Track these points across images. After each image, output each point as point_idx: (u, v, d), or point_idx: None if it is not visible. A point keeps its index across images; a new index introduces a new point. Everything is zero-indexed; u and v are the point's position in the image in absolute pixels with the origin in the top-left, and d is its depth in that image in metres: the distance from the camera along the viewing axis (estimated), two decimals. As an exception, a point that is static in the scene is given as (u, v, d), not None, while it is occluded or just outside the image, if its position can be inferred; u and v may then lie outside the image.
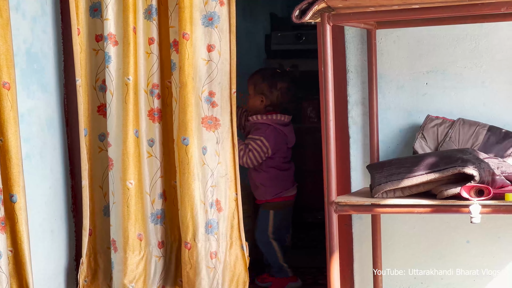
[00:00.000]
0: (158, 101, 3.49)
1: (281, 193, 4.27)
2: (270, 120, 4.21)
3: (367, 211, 3.06)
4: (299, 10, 2.89)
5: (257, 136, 4.17)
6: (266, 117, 4.23)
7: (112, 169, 3.45)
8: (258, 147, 4.15)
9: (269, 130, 4.19)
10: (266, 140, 4.16)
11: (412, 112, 3.38)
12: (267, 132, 4.18)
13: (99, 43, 3.50)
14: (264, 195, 4.29)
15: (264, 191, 4.27)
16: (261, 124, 4.21)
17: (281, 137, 4.22)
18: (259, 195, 4.31)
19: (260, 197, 4.31)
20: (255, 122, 4.26)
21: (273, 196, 4.27)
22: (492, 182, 2.87)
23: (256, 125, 4.23)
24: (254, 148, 4.15)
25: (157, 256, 3.52)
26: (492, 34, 3.27)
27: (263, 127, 4.20)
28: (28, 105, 3.35)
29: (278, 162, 4.23)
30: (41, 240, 3.42)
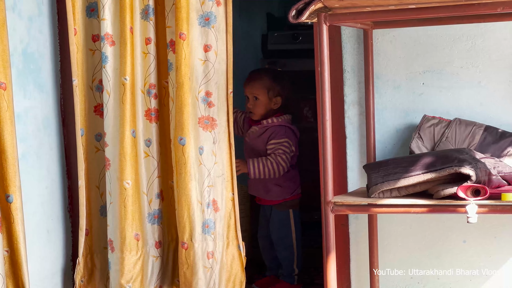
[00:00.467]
0: (155, 101, 3.49)
1: (296, 190, 4.16)
2: (284, 121, 4.09)
3: (364, 211, 3.06)
4: (296, 10, 2.89)
5: (283, 139, 4.03)
6: (281, 118, 4.10)
7: (109, 169, 3.45)
8: (288, 149, 4.02)
9: (287, 131, 4.08)
10: (290, 140, 4.04)
11: (408, 112, 3.38)
12: (287, 134, 4.06)
13: (95, 43, 3.50)
14: (282, 195, 4.13)
15: (281, 191, 4.12)
16: (277, 127, 4.07)
17: (296, 137, 4.11)
18: (274, 196, 4.14)
19: (275, 198, 4.14)
20: (268, 126, 4.09)
21: (291, 194, 4.14)
22: (489, 182, 2.88)
23: (271, 128, 4.07)
24: (285, 151, 4.02)
25: (155, 256, 3.52)
26: (489, 34, 3.27)
27: (280, 129, 4.07)
28: (24, 105, 3.35)
29: (293, 161, 4.12)
30: (37, 240, 3.41)
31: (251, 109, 4.09)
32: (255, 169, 4.00)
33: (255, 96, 4.07)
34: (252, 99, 4.08)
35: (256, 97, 4.07)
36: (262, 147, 4.08)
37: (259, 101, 4.07)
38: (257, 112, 4.09)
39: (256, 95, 4.07)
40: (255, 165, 4.00)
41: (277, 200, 4.14)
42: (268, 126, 4.07)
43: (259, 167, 4.00)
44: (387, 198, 2.95)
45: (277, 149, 4.01)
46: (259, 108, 4.08)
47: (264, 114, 4.09)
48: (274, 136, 4.03)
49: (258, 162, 4.00)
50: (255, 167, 4.00)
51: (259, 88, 4.07)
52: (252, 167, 4.00)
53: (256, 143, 4.10)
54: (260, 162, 4.00)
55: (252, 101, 4.08)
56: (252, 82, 4.10)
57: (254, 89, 4.08)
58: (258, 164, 4.00)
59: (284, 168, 4.01)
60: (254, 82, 4.09)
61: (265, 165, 3.99)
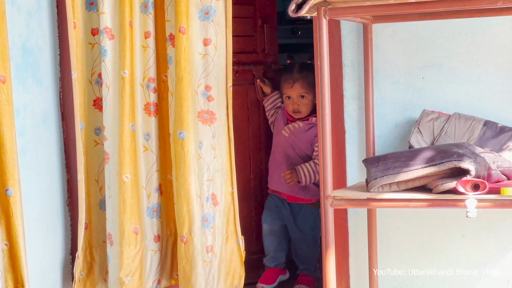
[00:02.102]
0: (154, 95, 3.48)
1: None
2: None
3: (363, 205, 3.06)
4: (295, 4, 2.89)
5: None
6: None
7: (108, 163, 3.44)
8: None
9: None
10: None
11: (408, 107, 3.38)
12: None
13: (95, 37, 3.49)
14: (317, 194, 3.99)
15: (317, 191, 3.98)
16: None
17: None
18: (313, 195, 4.06)
19: (313, 197, 4.07)
20: (315, 124, 3.97)
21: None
22: (488, 177, 2.88)
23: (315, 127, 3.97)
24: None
25: (153, 250, 3.52)
26: (488, 28, 3.27)
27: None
28: (23, 99, 3.34)
29: None
30: (37, 235, 3.41)
31: (299, 109, 4.00)
32: (307, 177, 3.96)
33: (302, 95, 4.00)
34: (297, 98, 4.00)
35: (303, 96, 4.00)
36: (305, 144, 4.02)
37: (306, 99, 4.00)
38: (306, 111, 4.02)
39: (303, 94, 4.00)
40: (306, 173, 3.96)
41: (314, 199, 4.08)
42: (314, 124, 3.98)
43: (310, 174, 3.96)
44: (386, 192, 2.95)
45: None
46: (307, 107, 4.01)
47: (311, 111, 4.02)
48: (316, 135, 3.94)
49: (307, 169, 3.96)
50: (306, 176, 3.96)
51: (307, 86, 3.99)
52: (304, 176, 3.95)
53: (300, 139, 4.03)
54: (310, 169, 3.96)
55: (298, 100, 4.00)
56: (297, 82, 4.00)
57: (303, 88, 4.00)
58: (308, 171, 3.95)
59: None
60: (301, 81, 4.00)
61: (315, 171, 3.95)
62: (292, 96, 4.00)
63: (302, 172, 3.94)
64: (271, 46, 4.32)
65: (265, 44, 4.28)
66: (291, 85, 4.00)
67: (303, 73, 4.02)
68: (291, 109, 4.00)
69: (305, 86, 3.99)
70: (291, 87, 4.00)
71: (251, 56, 4.21)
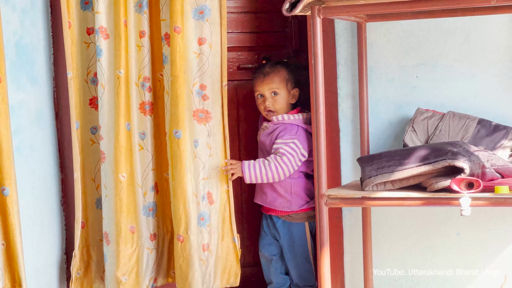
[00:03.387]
0: (149, 94, 3.48)
1: (313, 201, 3.57)
2: (299, 120, 3.57)
3: (358, 204, 3.07)
4: (290, 3, 2.89)
5: (290, 140, 3.50)
6: (297, 116, 3.58)
7: (104, 162, 3.45)
8: (294, 151, 3.48)
9: (300, 131, 3.54)
10: (299, 142, 3.50)
11: (402, 105, 3.38)
12: (299, 135, 3.52)
13: (90, 36, 3.49)
14: (298, 205, 3.57)
15: (297, 201, 3.56)
16: (288, 125, 3.55)
17: (309, 140, 3.54)
18: (289, 206, 3.58)
19: (290, 208, 3.58)
20: (279, 123, 3.58)
21: (307, 205, 3.58)
22: (482, 175, 2.88)
23: (281, 126, 3.56)
24: (289, 152, 3.47)
25: (149, 248, 3.52)
26: (482, 26, 3.28)
27: (292, 128, 3.54)
28: (18, 98, 3.34)
29: (309, 167, 3.56)
30: (32, 234, 3.41)
31: (271, 107, 3.58)
32: (251, 172, 3.47)
33: (273, 91, 3.58)
34: (270, 95, 3.58)
35: (275, 92, 3.58)
36: (270, 146, 3.58)
37: (279, 96, 3.58)
38: (279, 109, 3.59)
39: (275, 90, 3.58)
40: (251, 168, 3.47)
41: (283, 211, 3.60)
42: (279, 124, 3.57)
43: (255, 170, 3.47)
44: (381, 191, 2.95)
45: (279, 149, 3.49)
46: (281, 104, 3.59)
47: (286, 110, 3.61)
48: (282, 135, 3.53)
49: (254, 164, 3.48)
50: (251, 170, 3.47)
51: (278, 81, 3.59)
52: (248, 169, 3.46)
53: (265, 141, 3.62)
54: (256, 164, 3.48)
55: (270, 97, 3.58)
56: (268, 76, 3.59)
57: (273, 84, 3.58)
58: (254, 166, 3.47)
59: (285, 171, 3.47)
60: (271, 76, 3.59)
61: (262, 167, 3.47)
62: (263, 93, 3.59)
63: (246, 166, 3.46)
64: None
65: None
66: (262, 80, 3.59)
67: (275, 67, 3.62)
68: (262, 108, 3.61)
69: (277, 81, 3.58)
70: (262, 81, 3.59)
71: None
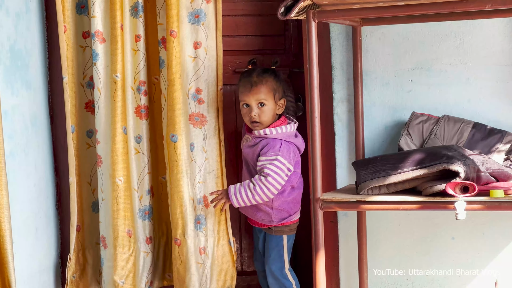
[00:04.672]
0: (145, 98, 3.48)
1: (296, 214, 3.43)
2: (282, 134, 3.34)
3: (353, 208, 3.07)
4: (284, 7, 2.89)
5: (273, 156, 3.28)
6: (280, 129, 3.34)
7: (101, 166, 3.44)
8: (278, 168, 3.27)
9: (284, 146, 3.32)
10: (283, 158, 3.29)
11: (397, 109, 3.38)
12: (283, 149, 3.30)
13: (86, 40, 3.49)
14: (278, 219, 3.39)
15: (277, 215, 3.39)
16: (271, 140, 3.33)
17: (295, 152, 3.37)
18: (269, 220, 3.40)
19: (271, 222, 3.40)
20: (261, 137, 3.36)
21: (289, 218, 3.41)
22: (477, 179, 2.88)
23: (264, 141, 3.35)
24: (273, 171, 3.27)
25: (145, 251, 3.52)
26: (477, 31, 3.28)
27: (274, 144, 3.31)
28: (11, 102, 3.33)
29: (293, 179, 3.38)
30: (26, 238, 3.40)
31: (257, 119, 3.34)
32: (238, 197, 3.30)
33: (261, 102, 3.33)
34: (256, 106, 3.33)
35: (262, 103, 3.33)
36: (252, 160, 3.40)
37: (266, 107, 3.33)
38: (266, 121, 3.35)
39: (262, 101, 3.33)
40: (237, 194, 3.30)
41: (263, 224, 3.44)
42: (261, 138, 3.36)
43: (241, 195, 3.29)
44: (376, 195, 2.95)
45: (264, 168, 3.29)
46: (268, 115, 3.34)
47: (272, 121, 3.37)
48: (265, 152, 3.32)
49: (240, 189, 3.30)
50: (237, 196, 3.30)
51: (266, 91, 3.33)
52: (235, 196, 3.30)
53: (248, 153, 3.42)
54: (242, 189, 3.30)
55: (257, 108, 3.33)
56: (256, 87, 3.33)
57: (261, 94, 3.32)
58: (240, 191, 3.30)
59: (272, 190, 3.27)
60: (259, 86, 3.33)
61: (247, 191, 3.29)
62: (250, 104, 3.33)
63: (232, 191, 3.31)
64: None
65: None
66: (249, 90, 3.33)
67: (263, 77, 3.35)
68: (248, 119, 3.36)
69: (265, 91, 3.32)
70: (249, 92, 3.33)
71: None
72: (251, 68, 3.43)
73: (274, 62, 3.45)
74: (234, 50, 3.59)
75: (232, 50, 3.52)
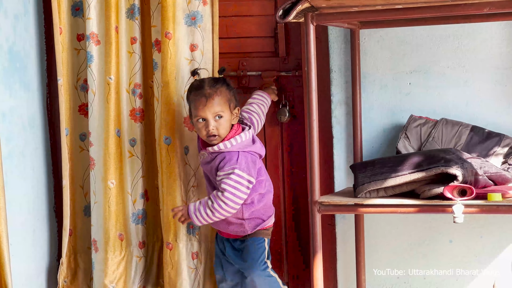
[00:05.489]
0: (140, 100, 3.48)
1: (269, 218, 3.28)
2: (236, 146, 3.15)
3: (351, 211, 3.07)
4: (283, 9, 2.90)
5: (230, 170, 3.11)
6: (230, 143, 3.15)
7: (94, 169, 3.44)
8: (237, 183, 3.11)
9: (241, 157, 3.15)
10: (241, 170, 3.12)
11: (395, 112, 3.38)
12: (240, 161, 3.13)
13: (80, 43, 3.48)
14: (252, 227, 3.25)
15: (252, 223, 3.25)
16: (226, 154, 3.15)
17: (253, 161, 3.18)
18: (243, 230, 3.25)
19: (245, 232, 3.25)
20: (216, 152, 3.16)
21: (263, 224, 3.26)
22: (475, 182, 2.88)
23: (220, 156, 3.16)
24: (232, 186, 3.10)
25: (138, 256, 3.51)
26: (475, 34, 3.28)
27: (231, 156, 3.14)
28: (10, 104, 3.33)
29: (260, 187, 3.22)
30: (23, 240, 3.40)
31: (216, 132, 3.13)
32: (198, 216, 3.14)
33: (218, 114, 3.13)
34: (213, 119, 3.13)
35: (219, 116, 3.13)
36: (213, 176, 3.21)
37: (223, 119, 3.14)
38: (223, 133, 3.15)
39: (219, 113, 3.13)
40: (196, 212, 3.14)
41: (238, 235, 3.28)
42: (216, 153, 3.17)
43: (201, 213, 3.13)
44: (374, 198, 2.95)
45: (221, 184, 3.11)
46: (225, 127, 3.15)
47: (228, 132, 3.18)
48: (222, 166, 3.13)
49: (199, 208, 3.14)
50: (197, 214, 3.13)
51: (222, 103, 3.14)
52: (194, 215, 3.13)
53: (206, 170, 3.24)
54: (201, 207, 3.13)
55: (214, 121, 3.13)
56: (211, 99, 3.13)
57: (217, 106, 3.13)
58: (199, 210, 3.14)
59: (232, 205, 3.10)
60: (214, 97, 3.13)
61: (206, 209, 3.12)
62: (206, 117, 3.12)
63: (192, 209, 3.15)
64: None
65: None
66: (204, 103, 3.12)
67: (216, 87, 3.15)
68: (204, 133, 3.14)
69: (221, 103, 3.13)
70: (204, 105, 3.12)
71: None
72: (200, 79, 3.22)
73: (221, 70, 3.31)
74: (224, 52, 3.52)
75: (222, 52, 3.47)
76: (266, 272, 3.26)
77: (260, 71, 3.58)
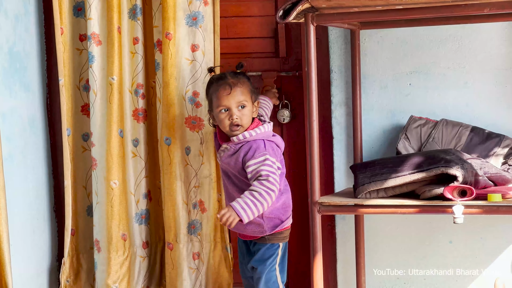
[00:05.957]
0: (143, 101, 3.48)
1: (288, 219, 3.19)
2: (261, 134, 3.12)
3: (351, 211, 3.07)
4: (283, 10, 2.90)
5: (262, 157, 3.05)
6: (254, 132, 3.11)
7: (96, 169, 3.44)
8: (272, 168, 3.03)
9: (266, 145, 3.10)
10: (271, 156, 3.06)
11: (395, 113, 3.38)
12: (267, 148, 3.09)
13: (82, 43, 3.48)
14: (272, 227, 3.15)
15: (270, 223, 3.15)
16: (252, 143, 3.10)
17: (277, 151, 3.14)
18: (261, 230, 3.15)
19: (263, 232, 3.15)
20: (241, 142, 3.12)
21: (281, 225, 3.17)
22: (475, 183, 2.88)
23: (245, 146, 3.11)
24: (270, 171, 3.02)
25: (142, 256, 3.51)
26: (475, 35, 3.28)
27: (257, 145, 3.09)
28: (10, 105, 3.33)
29: (281, 183, 3.12)
30: (23, 240, 3.40)
31: (240, 121, 3.10)
32: (247, 212, 2.97)
33: (241, 104, 3.11)
34: (237, 109, 3.11)
35: (243, 105, 3.11)
36: (236, 169, 3.13)
37: (246, 109, 3.12)
38: (246, 124, 3.12)
39: (243, 103, 3.11)
40: (245, 208, 2.98)
41: (255, 236, 3.18)
42: (241, 143, 3.11)
43: (250, 208, 2.98)
44: (374, 198, 2.95)
45: (260, 171, 3.03)
46: (248, 118, 3.13)
47: (249, 124, 3.15)
48: (251, 155, 3.07)
49: (245, 202, 2.98)
50: (246, 210, 2.97)
51: (246, 92, 3.13)
52: (243, 211, 2.97)
53: (229, 162, 3.15)
54: (247, 200, 2.98)
55: (238, 111, 3.11)
56: (235, 88, 3.11)
57: (241, 95, 3.11)
58: (247, 204, 2.98)
59: (276, 191, 3.01)
60: (238, 87, 3.12)
61: (254, 201, 2.98)
62: (230, 107, 3.10)
63: (238, 208, 2.97)
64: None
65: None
66: (229, 92, 3.11)
67: (239, 78, 3.15)
68: (228, 123, 3.11)
69: (244, 92, 3.12)
70: (229, 94, 3.10)
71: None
72: (222, 73, 3.23)
73: (239, 66, 3.30)
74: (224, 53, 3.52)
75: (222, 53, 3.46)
76: (272, 274, 3.17)
77: (260, 71, 3.60)
